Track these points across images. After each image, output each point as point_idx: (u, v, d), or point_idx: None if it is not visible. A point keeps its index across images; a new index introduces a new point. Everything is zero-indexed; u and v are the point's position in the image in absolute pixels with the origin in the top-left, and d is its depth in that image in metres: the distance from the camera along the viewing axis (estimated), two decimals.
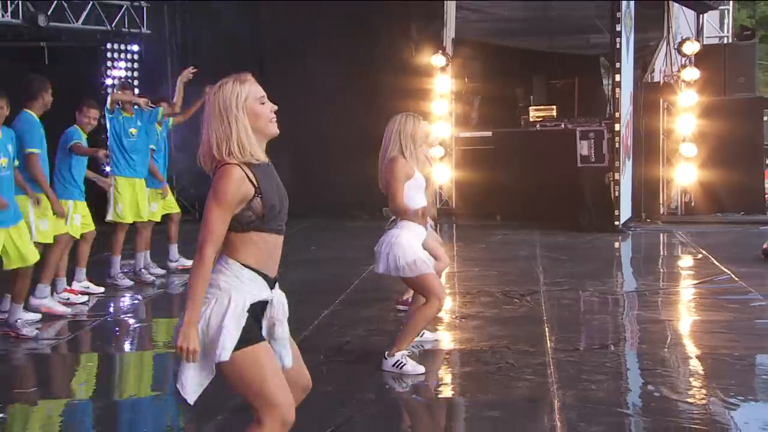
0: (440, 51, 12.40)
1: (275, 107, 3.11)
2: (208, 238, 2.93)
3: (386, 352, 5.26)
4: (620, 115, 10.57)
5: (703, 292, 7.49)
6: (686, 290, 7.85)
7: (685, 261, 9.48)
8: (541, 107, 12.60)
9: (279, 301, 3.14)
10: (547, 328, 6.23)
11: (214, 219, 2.93)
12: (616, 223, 10.69)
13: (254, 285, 3.03)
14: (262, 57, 13.22)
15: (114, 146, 8.17)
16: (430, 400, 4.92)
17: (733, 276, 7.85)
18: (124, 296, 7.94)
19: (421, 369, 5.22)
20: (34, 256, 6.14)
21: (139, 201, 8.17)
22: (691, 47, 11.47)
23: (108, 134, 8.24)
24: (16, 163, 6.22)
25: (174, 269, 8.28)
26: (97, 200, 7.78)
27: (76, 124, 7.35)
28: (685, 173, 11.69)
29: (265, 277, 3.08)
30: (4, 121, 5.97)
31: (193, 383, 2.97)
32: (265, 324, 3.09)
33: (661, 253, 10.36)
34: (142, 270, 8.08)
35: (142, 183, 8.12)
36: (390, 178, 5.29)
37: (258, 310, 3.04)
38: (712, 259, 8.81)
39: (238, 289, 2.97)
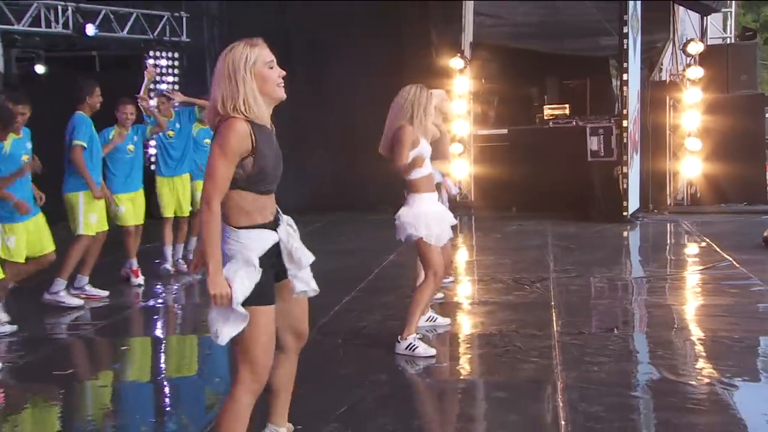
0: (459, 54, 12.36)
1: (283, 72, 3.01)
2: (215, 188, 2.85)
3: (399, 336, 5.22)
4: (628, 112, 10.52)
5: (705, 278, 7.43)
6: (690, 276, 7.74)
7: (690, 249, 9.37)
8: (555, 106, 12.59)
9: (286, 230, 3.09)
10: (554, 313, 6.18)
11: (220, 169, 2.84)
12: (625, 213, 10.60)
13: (256, 240, 2.97)
14: (293, 59, 12.86)
15: (157, 148, 8.37)
16: (440, 382, 4.92)
17: (734, 263, 7.77)
18: (160, 284, 7.99)
19: (433, 351, 5.18)
20: (50, 246, 6.24)
21: (180, 196, 8.22)
22: (696, 47, 11.35)
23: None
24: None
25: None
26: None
27: (117, 123, 7.45)
28: (691, 166, 11.60)
29: (263, 226, 3.00)
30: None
31: (227, 329, 2.89)
32: (285, 257, 3.05)
33: (668, 241, 10.32)
34: (180, 260, 8.11)
35: (182, 179, 8.18)
36: (396, 143, 5.25)
37: (273, 254, 3.00)
38: (715, 246, 8.74)
39: (242, 252, 2.91)
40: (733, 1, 14.75)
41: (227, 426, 3.04)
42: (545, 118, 12.37)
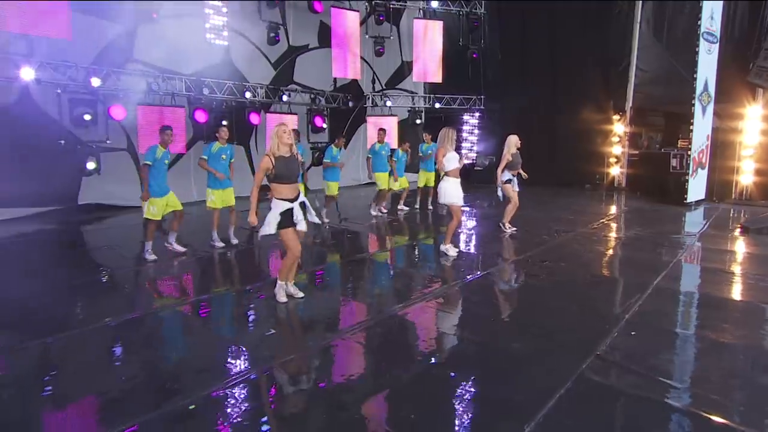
0: (620, 113, 15.69)
1: (291, 134, 4.62)
2: (255, 180, 4.62)
3: (441, 243, 6.84)
4: (692, 145, 12.64)
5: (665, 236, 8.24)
6: (664, 234, 8.44)
7: (703, 219, 10.28)
8: (684, 139, 13.86)
9: (297, 207, 4.79)
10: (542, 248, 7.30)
11: (258, 175, 4.62)
12: (685, 201, 12.66)
13: (280, 206, 4.69)
14: (539, 109, 16.49)
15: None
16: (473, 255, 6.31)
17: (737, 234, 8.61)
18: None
19: (455, 251, 6.72)
20: (179, 206, 7.20)
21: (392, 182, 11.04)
22: (754, 111, 13.26)
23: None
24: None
25: None
26: None
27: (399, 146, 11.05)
28: (746, 178, 13.67)
29: (287, 200, 4.65)
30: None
31: (262, 233, 4.77)
32: (295, 213, 4.75)
33: (703, 218, 10.72)
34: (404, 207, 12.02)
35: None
36: (437, 155, 6.57)
37: (289, 212, 4.73)
38: (729, 223, 9.90)
39: (275, 207, 4.66)
40: None
41: (283, 266, 4.90)
42: (665, 147, 14.58)
